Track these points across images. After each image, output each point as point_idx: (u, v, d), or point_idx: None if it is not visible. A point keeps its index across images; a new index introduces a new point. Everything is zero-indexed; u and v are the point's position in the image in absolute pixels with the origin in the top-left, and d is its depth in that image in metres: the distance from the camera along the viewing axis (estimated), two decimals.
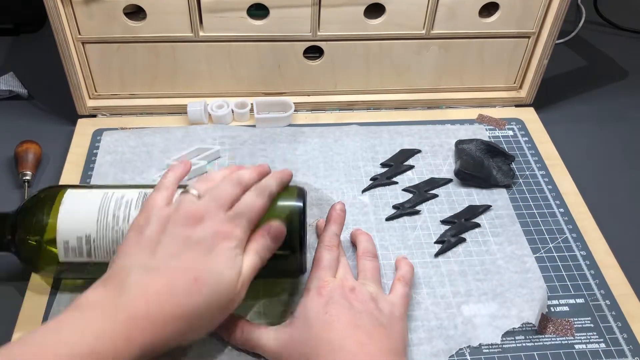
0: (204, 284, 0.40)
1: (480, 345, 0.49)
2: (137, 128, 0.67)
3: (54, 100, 0.71)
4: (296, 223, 0.47)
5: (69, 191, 0.49)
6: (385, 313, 0.46)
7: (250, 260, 0.44)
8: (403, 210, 0.60)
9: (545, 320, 0.51)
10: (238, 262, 0.43)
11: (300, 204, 0.48)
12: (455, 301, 0.52)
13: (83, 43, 0.64)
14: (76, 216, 0.47)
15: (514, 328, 0.50)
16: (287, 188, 0.49)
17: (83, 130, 0.67)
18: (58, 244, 0.47)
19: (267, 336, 0.46)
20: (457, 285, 0.53)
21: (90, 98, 0.69)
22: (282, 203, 0.48)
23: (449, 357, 0.48)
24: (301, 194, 0.49)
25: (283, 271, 0.50)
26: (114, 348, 0.36)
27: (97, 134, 0.66)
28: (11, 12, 0.82)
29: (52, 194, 0.49)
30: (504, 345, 0.49)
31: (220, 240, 0.42)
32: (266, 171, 0.49)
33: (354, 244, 0.55)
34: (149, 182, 0.61)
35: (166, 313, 0.39)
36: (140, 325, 0.38)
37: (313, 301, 0.46)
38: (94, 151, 0.64)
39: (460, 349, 0.49)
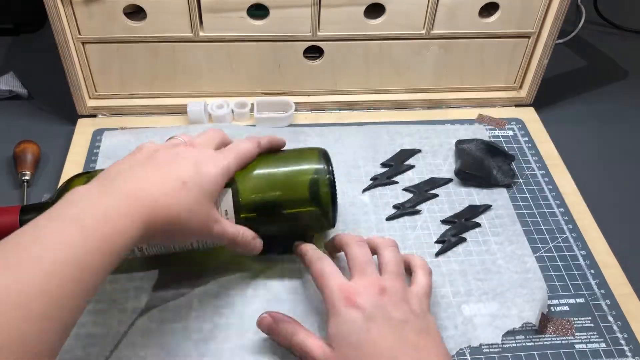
0: (190, 190, 0.43)
1: (480, 345, 0.49)
2: (137, 128, 0.67)
3: (54, 100, 0.71)
4: (324, 181, 0.50)
5: None
6: (419, 313, 0.44)
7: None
8: (403, 210, 0.60)
9: (545, 320, 0.51)
10: (216, 190, 0.45)
11: (323, 165, 0.50)
12: (456, 301, 0.52)
13: (83, 43, 0.64)
14: None
15: (514, 328, 0.50)
16: (309, 152, 0.52)
17: (83, 130, 0.67)
18: None
19: (317, 350, 0.43)
20: (458, 285, 0.53)
21: (90, 98, 0.69)
22: (307, 166, 0.50)
23: None
24: (325, 155, 0.51)
25: (315, 226, 0.53)
26: (120, 222, 0.38)
27: (97, 134, 0.66)
28: (11, 12, 0.82)
29: (84, 179, 0.50)
30: (504, 345, 0.49)
31: (208, 160, 0.45)
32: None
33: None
34: None
35: (156, 199, 0.41)
36: (135, 204, 0.40)
37: (349, 316, 0.42)
38: (94, 151, 0.64)
39: (461, 349, 0.49)
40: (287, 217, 0.50)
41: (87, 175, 0.51)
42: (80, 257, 0.35)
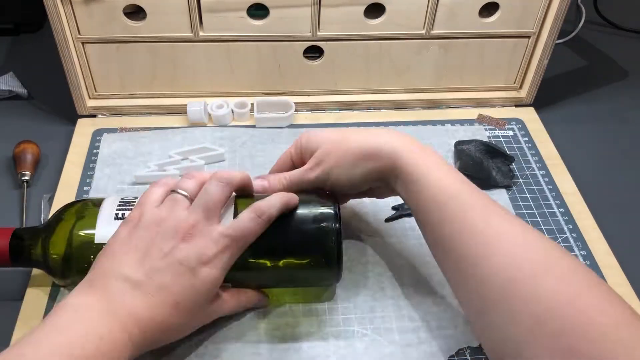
0: (182, 310, 0.42)
1: (480, 345, 0.49)
2: (136, 129, 0.67)
3: (54, 100, 0.71)
4: (331, 235, 0.46)
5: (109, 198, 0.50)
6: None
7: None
8: (403, 211, 0.59)
9: None
10: (214, 292, 0.44)
11: (332, 210, 0.47)
12: (456, 301, 0.52)
13: (83, 43, 0.64)
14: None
15: None
16: (313, 201, 0.48)
17: (83, 130, 0.67)
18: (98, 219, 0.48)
19: None
20: None
21: (90, 98, 0.69)
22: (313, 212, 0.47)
23: (449, 357, 0.48)
24: (331, 206, 0.48)
25: (319, 280, 0.50)
26: (117, 347, 0.39)
27: (97, 134, 0.66)
28: (11, 12, 0.82)
29: (78, 209, 0.49)
30: None
31: (204, 265, 0.42)
32: (247, 178, 0.47)
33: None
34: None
35: (150, 325, 0.41)
36: (133, 329, 0.40)
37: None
38: (94, 151, 0.64)
39: (461, 349, 0.49)
40: (288, 275, 0.48)
41: (82, 203, 0.50)
42: None
